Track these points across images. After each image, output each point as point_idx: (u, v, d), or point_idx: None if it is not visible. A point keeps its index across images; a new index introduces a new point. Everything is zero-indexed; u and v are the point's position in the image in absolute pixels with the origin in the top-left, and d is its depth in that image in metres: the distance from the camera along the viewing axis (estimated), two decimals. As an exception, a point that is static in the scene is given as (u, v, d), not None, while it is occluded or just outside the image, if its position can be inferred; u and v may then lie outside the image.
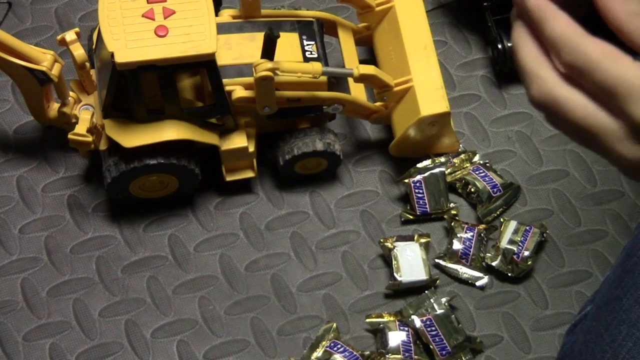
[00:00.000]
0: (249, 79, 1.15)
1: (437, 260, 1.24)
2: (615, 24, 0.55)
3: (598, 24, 0.58)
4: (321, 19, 1.25)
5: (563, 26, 0.54)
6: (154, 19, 1.09)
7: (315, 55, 1.20)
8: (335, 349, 1.17)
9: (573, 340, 0.98)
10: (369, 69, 1.19)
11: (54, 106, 1.21)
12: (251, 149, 1.22)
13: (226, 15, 1.22)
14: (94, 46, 1.23)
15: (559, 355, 1.02)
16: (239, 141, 1.21)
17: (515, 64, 0.56)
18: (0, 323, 1.19)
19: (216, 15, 1.16)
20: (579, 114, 0.55)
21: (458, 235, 1.24)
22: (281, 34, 1.14)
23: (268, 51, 1.12)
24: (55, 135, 1.29)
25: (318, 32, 1.23)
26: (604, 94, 0.53)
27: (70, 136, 1.16)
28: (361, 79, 1.19)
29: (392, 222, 1.28)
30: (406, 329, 1.18)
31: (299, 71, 1.14)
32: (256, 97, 1.15)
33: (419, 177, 1.27)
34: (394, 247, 1.23)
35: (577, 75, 0.53)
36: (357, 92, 1.25)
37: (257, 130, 1.23)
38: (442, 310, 1.19)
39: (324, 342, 1.18)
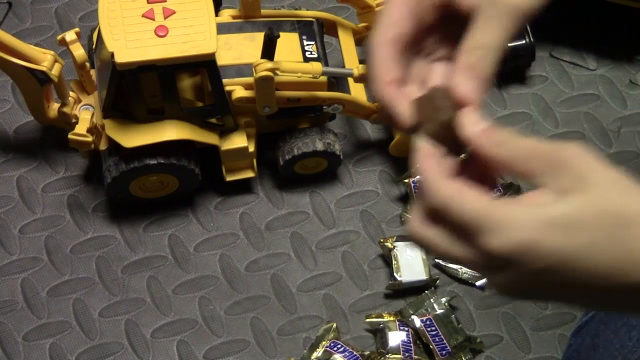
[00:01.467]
0: (249, 79, 1.15)
1: (437, 260, 1.24)
2: (489, 158, 0.59)
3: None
4: (321, 19, 1.25)
5: (427, 171, 0.59)
6: (154, 19, 1.09)
7: (315, 55, 1.20)
8: (335, 349, 1.17)
9: (579, 342, 0.97)
10: (369, 69, 1.18)
11: (54, 106, 1.21)
12: (251, 149, 1.22)
13: (226, 15, 1.22)
14: (94, 46, 1.23)
15: (565, 356, 1.01)
16: (239, 141, 1.21)
17: None
18: (0, 323, 1.19)
19: (216, 15, 1.16)
20: (441, 249, 0.58)
21: (458, 235, 1.24)
22: (281, 34, 1.14)
23: (268, 51, 1.12)
24: (55, 135, 1.29)
25: (318, 32, 1.23)
26: (460, 229, 0.57)
27: (70, 136, 1.16)
28: (361, 79, 1.19)
29: (392, 222, 1.28)
30: (406, 329, 1.18)
31: (299, 71, 1.14)
32: (256, 97, 1.15)
33: (419, 177, 1.27)
34: (394, 247, 1.23)
35: (440, 214, 0.58)
36: (357, 92, 1.25)
37: (257, 130, 1.23)
38: (442, 310, 1.19)
39: (324, 342, 1.18)
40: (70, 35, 1.15)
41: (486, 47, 0.60)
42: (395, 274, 1.21)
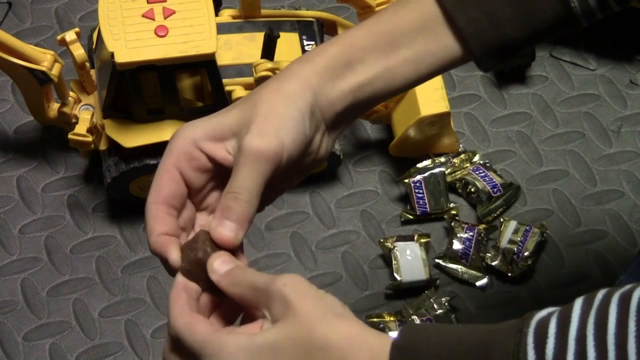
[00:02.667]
0: (249, 79, 1.15)
1: (437, 260, 1.24)
2: (228, 294, 0.66)
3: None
4: (321, 19, 1.25)
5: (171, 303, 0.65)
6: (154, 19, 1.09)
7: (315, 55, 1.20)
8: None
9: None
10: (369, 69, 1.18)
11: (54, 106, 1.21)
12: (251, 149, 1.22)
13: (226, 15, 1.22)
14: (94, 46, 1.23)
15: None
16: (239, 141, 1.21)
17: None
18: (0, 323, 1.19)
19: (216, 15, 1.16)
20: None
21: (458, 235, 1.24)
22: (281, 34, 1.14)
23: (268, 51, 1.12)
24: (55, 135, 1.29)
25: (318, 32, 1.23)
26: (191, 357, 0.63)
27: (70, 136, 1.16)
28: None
29: (392, 222, 1.28)
30: (406, 329, 1.18)
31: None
32: (256, 97, 1.15)
33: (419, 177, 1.27)
34: (394, 247, 1.23)
35: (179, 345, 0.64)
36: (357, 92, 1.25)
37: (257, 130, 1.23)
38: (442, 310, 1.19)
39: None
40: (70, 35, 1.15)
41: (239, 190, 0.66)
42: (395, 274, 1.21)
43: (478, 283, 1.24)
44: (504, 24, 0.69)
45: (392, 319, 1.19)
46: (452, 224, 1.25)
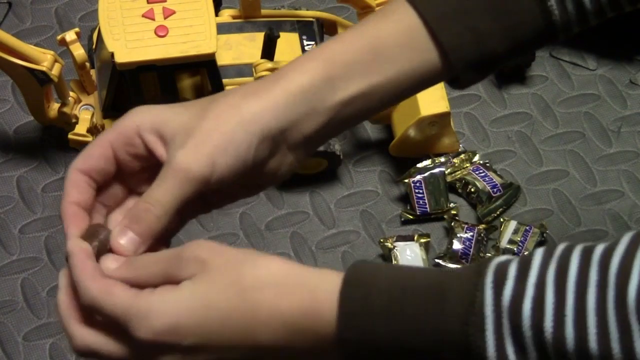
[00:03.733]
0: (249, 79, 1.15)
1: (437, 260, 1.24)
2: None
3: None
4: (321, 19, 1.25)
5: (79, 270, 0.62)
6: (154, 19, 1.09)
7: (315, 55, 1.20)
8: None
9: None
10: (369, 69, 1.18)
11: (54, 106, 1.21)
12: (251, 149, 1.22)
13: (226, 15, 1.22)
14: (94, 46, 1.23)
15: None
16: (239, 141, 1.21)
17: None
18: (0, 323, 1.19)
19: (216, 15, 1.16)
20: (105, 350, 0.62)
21: (458, 235, 1.24)
22: (281, 34, 1.14)
23: (268, 51, 1.12)
24: (55, 135, 1.29)
25: (318, 32, 1.23)
26: (113, 326, 0.61)
27: (70, 136, 1.16)
28: (361, 79, 1.19)
29: (392, 222, 1.28)
30: (406, 329, 1.18)
31: (299, 71, 1.14)
32: (256, 97, 1.15)
33: (419, 177, 1.27)
34: (394, 247, 1.23)
35: (94, 315, 0.62)
36: (357, 92, 1.25)
37: (257, 130, 1.23)
38: (442, 310, 1.19)
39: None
40: (70, 35, 1.15)
41: (153, 202, 0.64)
42: (395, 274, 1.21)
43: (478, 283, 1.23)
44: (486, 39, 0.68)
45: (392, 319, 1.19)
46: (452, 224, 1.25)
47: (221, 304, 0.60)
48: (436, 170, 1.27)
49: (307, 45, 1.21)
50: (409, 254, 1.22)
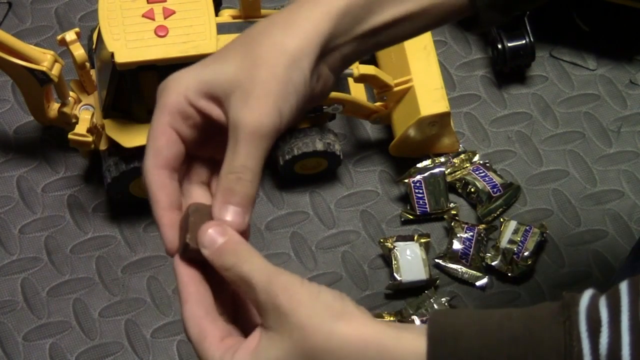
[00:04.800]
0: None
1: (437, 260, 1.24)
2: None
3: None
4: (321, 19, 1.25)
5: (182, 303, 0.61)
6: (154, 19, 1.09)
7: (315, 55, 1.20)
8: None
9: None
10: (368, 69, 1.19)
11: (54, 106, 1.21)
12: (251, 149, 1.22)
13: (226, 15, 1.22)
14: (94, 46, 1.23)
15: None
16: (239, 141, 1.21)
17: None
18: (0, 323, 1.19)
19: (216, 15, 1.16)
20: None
21: (458, 235, 1.24)
22: (281, 34, 1.13)
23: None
24: (55, 135, 1.29)
25: (318, 32, 1.23)
26: None
27: (70, 136, 1.16)
28: (361, 79, 1.19)
29: (392, 222, 1.28)
30: (406, 329, 1.18)
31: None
32: (256, 97, 1.15)
33: (419, 177, 1.27)
34: (394, 247, 1.23)
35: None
36: (357, 92, 1.25)
37: (257, 130, 1.23)
38: (442, 310, 1.19)
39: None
40: (70, 35, 1.15)
41: (241, 170, 0.61)
42: (395, 274, 1.21)
43: (478, 283, 1.24)
44: None
45: (392, 319, 1.19)
46: (452, 224, 1.25)
47: None
48: (436, 170, 1.27)
49: (307, 45, 1.21)
50: (409, 254, 1.22)
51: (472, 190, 1.28)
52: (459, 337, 0.57)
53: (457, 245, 1.24)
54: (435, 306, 1.20)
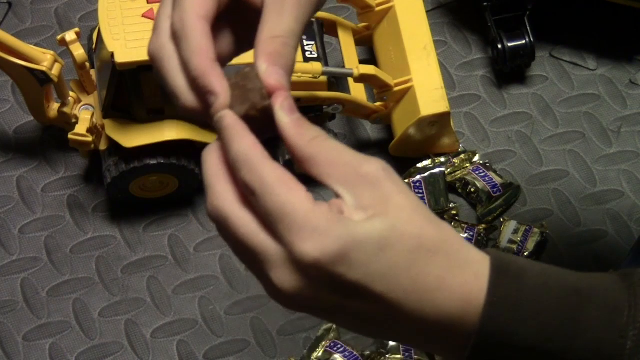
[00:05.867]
0: (249, 79, 1.14)
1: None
2: (295, 149, 0.58)
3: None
4: (321, 18, 1.25)
5: (247, 146, 0.56)
6: (154, 19, 1.09)
7: (315, 55, 1.20)
8: (335, 349, 1.17)
9: None
10: (369, 69, 1.19)
11: (54, 106, 1.21)
12: (251, 149, 1.22)
13: (226, 15, 1.22)
14: (94, 46, 1.23)
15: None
16: (239, 141, 1.21)
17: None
18: (0, 323, 1.19)
19: (216, 15, 1.16)
20: (242, 232, 0.54)
21: (458, 235, 1.24)
22: (281, 34, 1.13)
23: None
24: (55, 135, 1.29)
25: (318, 32, 1.23)
26: (271, 218, 0.53)
27: (70, 136, 1.16)
28: (361, 79, 1.19)
29: (392, 222, 1.27)
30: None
31: (298, 71, 1.14)
32: (256, 97, 1.15)
33: (419, 177, 1.27)
34: (394, 247, 1.22)
35: (251, 195, 0.54)
36: (357, 92, 1.25)
37: (257, 130, 1.23)
38: (442, 310, 1.19)
39: (324, 342, 1.18)
40: (70, 35, 1.15)
41: (288, 35, 0.57)
42: (395, 274, 1.21)
43: (478, 283, 1.23)
44: None
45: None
46: (452, 224, 1.25)
47: (395, 254, 0.53)
48: (436, 170, 1.27)
49: (307, 45, 1.21)
50: (409, 254, 1.22)
51: (472, 190, 1.28)
52: (522, 272, 0.55)
53: (457, 245, 1.24)
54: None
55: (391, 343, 1.17)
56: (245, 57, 1.26)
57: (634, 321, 0.54)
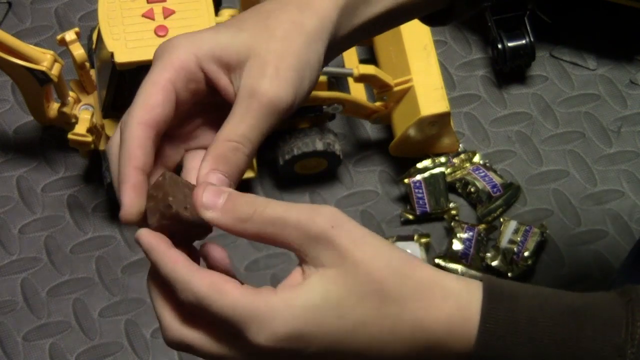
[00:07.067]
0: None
1: (437, 260, 1.24)
2: (238, 234, 0.57)
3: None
4: (321, 19, 1.25)
5: (170, 267, 0.54)
6: (153, 19, 1.09)
7: (315, 55, 1.20)
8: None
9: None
10: (369, 69, 1.19)
11: (54, 106, 1.21)
12: (251, 149, 1.22)
13: (226, 15, 1.22)
14: (94, 46, 1.23)
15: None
16: (239, 141, 1.21)
17: None
18: (0, 323, 1.19)
19: (216, 15, 1.16)
20: (203, 351, 0.55)
21: (458, 235, 1.24)
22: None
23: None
24: (55, 135, 1.29)
25: (318, 32, 1.23)
26: (219, 323, 0.53)
27: (70, 136, 1.16)
28: (361, 78, 1.19)
29: (392, 222, 1.28)
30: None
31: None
32: (256, 97, 1.15)
33: (419, 177, 1.27)
34: (394, 247, 1.22)
35: (194, 309, 0.54)
36: (357, 92, 1.25)
37: (257, 130, 1.23)
38: (442, 310, 1.19)
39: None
40: (70, 35, 1.15)
41: (242, 141, 0.57)
42: (395, 274, 1.21)
43: (478, 283, 1.23)
44: None
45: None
46: (452, 224, 1.25)
47: (356, 315, 0.53)
48: (436, 170, 1.27)
49: (307, 45, 1.21)
50: (409, 253, 1.22)
51: (472, 190, 1.28)
52: (516, 296, 0.54)
53: (457, 245, 1.24)
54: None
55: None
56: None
57: (631, 339, 0.54)
